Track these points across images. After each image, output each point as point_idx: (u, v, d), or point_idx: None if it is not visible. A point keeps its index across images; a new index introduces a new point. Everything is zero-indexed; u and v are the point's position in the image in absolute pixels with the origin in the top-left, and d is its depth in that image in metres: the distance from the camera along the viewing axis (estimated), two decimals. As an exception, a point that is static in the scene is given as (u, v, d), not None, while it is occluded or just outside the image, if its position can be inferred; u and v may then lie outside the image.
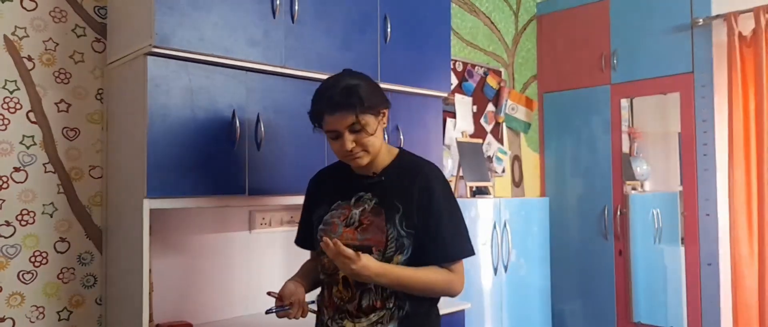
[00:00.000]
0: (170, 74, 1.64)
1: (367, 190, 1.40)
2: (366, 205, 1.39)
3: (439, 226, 1.35)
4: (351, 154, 1.35)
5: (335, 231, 1.39)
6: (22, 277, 1.75)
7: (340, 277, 1.37)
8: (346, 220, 1.39)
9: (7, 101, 1.73)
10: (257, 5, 1.80)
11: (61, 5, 1.83)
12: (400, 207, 1.35)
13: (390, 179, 1.40)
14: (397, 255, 1.34)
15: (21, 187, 1.75)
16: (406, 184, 1.37)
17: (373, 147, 1.36)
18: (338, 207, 1.42)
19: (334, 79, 1.38)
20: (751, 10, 2.65)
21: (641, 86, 3.06)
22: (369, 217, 1.37)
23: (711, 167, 2.78)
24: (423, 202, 1.35)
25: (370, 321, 1.35)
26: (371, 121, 1.34)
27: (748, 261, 2.66)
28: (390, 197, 1.37)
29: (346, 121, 1.32)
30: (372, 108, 1.34)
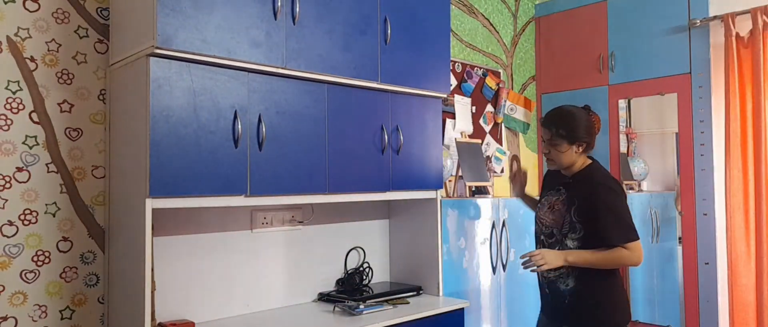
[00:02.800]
0: (173, 75, 1.64)
1: (563, 186, 1.96)
2: (560, 196, 1.95)
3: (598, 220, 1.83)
4: (546, 156, 1.99)
5: (543, 209, 2.01)
6: (24, 276, 1.75)
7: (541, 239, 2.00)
8: (549, 203, 1.98)
9: (9, 102, 1.73)
10: (259, 7, 1.80)
11: (63, 6, 1.83)
12: (576, 201, 1.88)
13: (576, 182, 1.93)
14: (570, 233, 1.89)
15: (24, 186, 1.75)
16: (584, 188, 1.90)
17: (559, 159, 1.93)
18: (548, 195, 2.02)
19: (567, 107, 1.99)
20: (748, 11, 2.65)
21: (639, 87, 3.06)
22: (558, 204, 1.94)
23: (708, 167, 2.78)
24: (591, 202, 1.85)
25: (558, 273, 1.92)
26: (563, 144, 1.91)
27: (745, 260, 2.66)
28: (572, 194, 1.91)
29: (546, 135, 1.95)
30: (566, 137, 1.90)
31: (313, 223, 2.35)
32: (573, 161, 1.94)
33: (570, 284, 1.92)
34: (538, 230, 2.05)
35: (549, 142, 1.95)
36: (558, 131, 1.91)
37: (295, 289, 2.28)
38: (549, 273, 1.95)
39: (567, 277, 1.92)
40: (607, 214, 1.84)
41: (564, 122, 1.92)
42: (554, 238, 1.94)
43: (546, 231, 1.98)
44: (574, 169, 1.96)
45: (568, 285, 1.92)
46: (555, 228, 1.93)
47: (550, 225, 1.95)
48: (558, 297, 1.94)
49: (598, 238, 1.86)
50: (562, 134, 1.91)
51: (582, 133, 1.92)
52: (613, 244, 1.83)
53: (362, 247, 2.51)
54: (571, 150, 1.92)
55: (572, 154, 1.92)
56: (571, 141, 1.91)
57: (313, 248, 2.34)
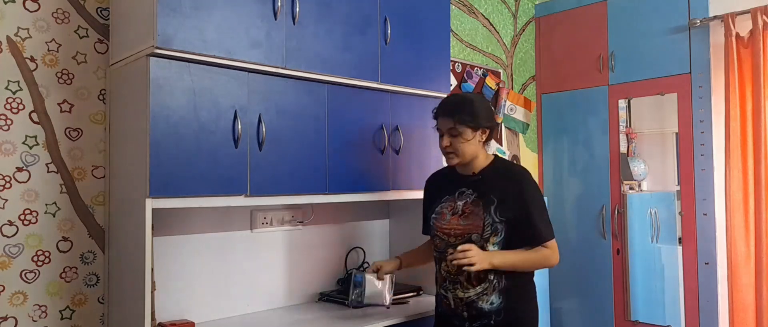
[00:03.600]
0: (172, 75, 1.64)
1: (468, 186, 1.77)
2: (467, 199, 1.75)
3: (530, 216, 1.70)
4: (445, 150, 1.74)
5: (444, 218, 1.78)
6: (24, 276, 1.75)
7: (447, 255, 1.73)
8: (452, 210, 1.77)
9: (9, 102, 1.73)
10: (259, 7, 1.80)
11: (63, 6, 1.83)
12: (495, 200, 1.70)
13: (487, 178, 1.76)
14: (492, 237, 1.70)
15: (24, 187, 1.75)
16: (501, 181, 1.73)
17: (463, 151, 1.72)
18: (446, 200, 1.80)
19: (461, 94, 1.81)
20: (748, 11, 2.65)
21: (639, 87, 3.06)
22: (470, 207, 1.73)
23: (708, 167, 2.78)
24: (515, 198, 1.70)
25: (476, 291, 1.71)
26: (467, 132, 1.71)
27: (745, 260, 2.66)
28: (487, 192, 1.72)
29: (446, 125, 1.73)
30: (470, 122, 1.70)
31: (313, 223, 2.35)
32: (476, 153, 1.76)
33: (495, 302, 1.71)
34: (442, 245, 1.78)
35: (450, 133, 1.73)
36: (461, 117, 1.70)
37: (295, 289, 2.28)
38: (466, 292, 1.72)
39: (490, 293, 1.70)
40: (535, 208, 1.71)
41: (465, 108, 1.72)
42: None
43: (458, 242, 1.71)
44: (479, 163, 1.78)
45: (493, 303, 1.70)
46: (474, 233, 1.70)
47: (465, 232, 1.71)
48: (481, 318, 1.71)
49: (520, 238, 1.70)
50: (466, 120, 1.70)
51: (485, 118, 1.74)
52: (544, 240, 1.71)
53: (362, 247, 2.51)
54: (475, 139, 1.73)
55: (476, 144, 1.74)
56: (475, 127, 1.72)
57: (313, 248, 2.34)
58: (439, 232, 1.79)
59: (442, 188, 1.83)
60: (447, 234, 1.77)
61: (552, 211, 3.34)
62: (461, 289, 1.73)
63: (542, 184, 3.51)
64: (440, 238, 1.79)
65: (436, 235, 1.80)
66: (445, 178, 1.87)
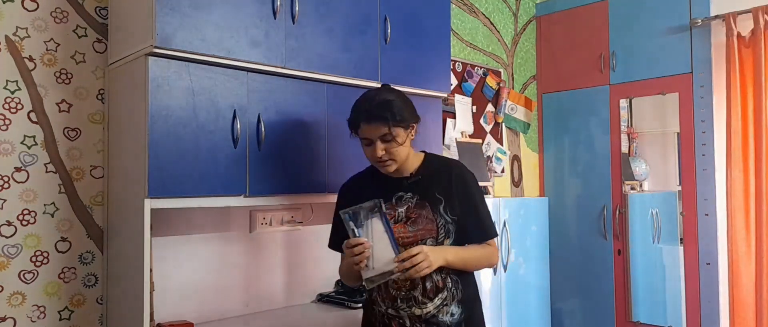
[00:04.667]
0: (171, 75, 1.64)
1: (406, 190, 1.59)
2: (409, 203, 1.58)
3: (476, 210, 1.59)
4: (380, 160, 1.54)
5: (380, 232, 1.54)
6: (23, 276, 1.75)
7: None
8: (394, 218, 1.57)
9: (8, 101, 1.73)
10: (258, 6, 1.80)
11: (62, 6, 1.83)
12: (442, 198, 1.57)
13: (426, 177, 1.60)
14: (446, 239, 1.56)
15: (22, 186, 1.75)
16: (442, 178, 1.59)
17: (400, 156, 1.55)
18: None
19: (374, 92, 1.58)
20: (750, 10, 2.65)
21: (640, 87, 3.06)
22: (415, 211, 1.57)
23: (710, 167, 2.78)
24: (460, 192, 1.58)
25: (435, 304, 1.54)
26: (401, 133, 1.53)
27: (746, 260, 2.66)
28: (430, 192, 1.57)
29: (378, 132, 1.51)
30: (403, 122, 1.53)
31: (312, 224, 2.34)
32: (409, 154, 1.59)
33: (455, 313, 1.55)
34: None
35: (383, 138, 1.51)
36: (395, 120, 1.50)
37: (294, 289, 2.27)
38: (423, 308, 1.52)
39: (450, 304, 1.55)
40: (481, 204, 1.59)
41: (395, 107, 1.51)
42: None
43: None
44: (410, 164, 1.61)
45: (454, 314, 1.55)
46: (429, 238, 1.54)
47: (417, 239, 1.53)
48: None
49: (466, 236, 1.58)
50: (399, 121, 1.51)
51: (412, 113, 1.58)
52: (490, 237, 1.61)
53: (362, 248, 2.50)
54: (408, 138, 1.57)
55: (409, 143, 1.57)
56: (407, 126, 1.55)
57: (312, 249, 2.34)
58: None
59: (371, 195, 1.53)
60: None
61: (553, 211, 3.35)
62: (417, 305, 1.53)
63: (543, 184, 3.51)
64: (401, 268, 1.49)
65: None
66: (372, 183, 1.63)
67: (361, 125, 1.54)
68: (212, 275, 2.04)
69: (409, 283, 1.54)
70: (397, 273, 1.45)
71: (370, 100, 1.54)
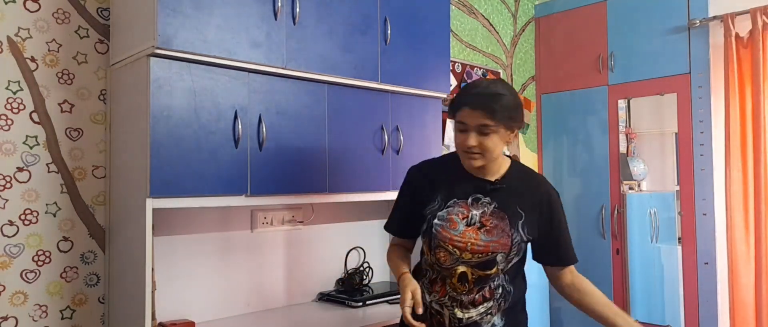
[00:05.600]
0: (173, 75, 1.64)
1: (485, 194, 1.46)
2: (485, 208, 1.45)
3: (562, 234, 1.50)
4: (470, 150, 1.40)
5: (455, 228, 1.44)
6: (25, 276, 1.75)
7: (457, 272, 1.44)
8: (467, 219, 1.44)
9: (10, 102, 1.73)
10: (259, 7, 1.81)
11: (64, 6, 1.83)
12: (522, 214, 1.45)
13: (509, 186, 1.47)
14: (515, 257, 1.46)
15: (24, 186, 1.75)
16: (527, 193, 1.47)
17: (491, 153, 1.41)
18: (455, 205, 1.46)
19: (489, 81, 1.45)
20: (748, 11, 2.65)
21: (638, 87, 3.07)
22: (491, 220, 1.44)
23: (708, 167, 2.79)
24: (545, 212, 1.47)
25: (479, 312, 1.45)
26: (501, 131, 1.40)
27: (745, 260, 2.67)
28: (511, 204, 1.45)
29: (478, 120, 1.37)
30: (507, 120, 1.39)
31: (313, 223, 2.35)
32: (499, 156, 1.47)
33: (497, 324, 1.48)
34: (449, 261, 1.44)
35: (480, 129, 1.38)
36: (500, 114, 1.37)
37: (295, 289, 2.28)
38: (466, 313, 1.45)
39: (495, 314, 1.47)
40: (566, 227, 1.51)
41: (504, 102, 1.38)
42: (495, 268, 1.43)
43: (475, 259, 1.42)
44: (496, 167, 1.48)
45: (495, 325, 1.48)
46: (500, 253, 1.42)
47: (489, 250, 1.41)
48: None
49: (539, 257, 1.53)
50: (504, 118, 1.38)
51: (521, 116, 1.44)
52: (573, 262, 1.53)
53: (362, 247, 2.51)
54: (504, 142, 1.43)
55: (503, 144, 1.44)
56: (509, 128, 1.41)
57: (313, 248, 2.35)
58: (448, 243, 1.43)
59: (445, 187, 1.48)
60: (460, 248, 1.43)
61: (552, 211, 3.35)
62: (461, 308, 1.45)
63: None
64: (448, 252, 1.44)
65: (441, 245, 1.44)
66: (448, 175, 1.50)
67: (463, 108, 1.39)
68: (214, 274, 2.05)
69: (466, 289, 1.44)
70: None
71: (482, 87, 1.41)
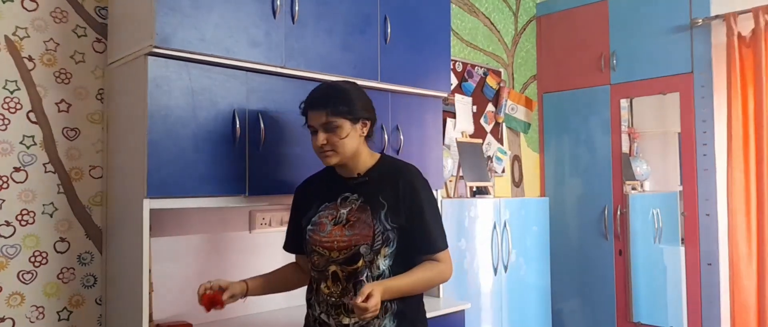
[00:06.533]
0: (171, 74, 1.63)
1: (353, 190, 1.51)
2: (353, 205, 1.49)
3: (424, 220, 1.48)
4: (321, 150, 1.48)
5: (324, 229, 1.50)
6: (22, 277, 1.74)
7: (329, 273, 1.47)
8: (334, 219, 1.49)
9: (7, 101, 1.72)
10: (258, 6, 1.79)
11: (61, 5, 1.82)
12: (385, 204, 1.47)
13: (374, 179, 1.51)
14: (383, 247, 1.45)
15: (21, 187, 1.74)
16: (390, 183, 1.49)
17: (343, 149, 1.47)
18: (326, 208, 1.53)
19: (330, 82, 1.54)
20: (750, 10, 2.64)
21: (641, 86, 3.06)
22: (355, 214, 1.47)
23: (711, 167, 2.78)
24: (407, 199, 1.47)
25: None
26: (345, 125, 1.46)
27: (747, 261, 2.65)
28: (375, 195, 1.48)
29: (319, 119, 1.46)
30: (346, 113, 1.46)
31: (312, 224, 2.34)
32: (358, 150, 1.51)
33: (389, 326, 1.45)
34: (321, 263, 1.48)
35: (325, 127, 1.46)
36: (336, 108, 1.44)
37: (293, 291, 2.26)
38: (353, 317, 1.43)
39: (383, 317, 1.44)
40: (430, 213, 1.48)
41: (339, 97, 1.46)
42: (360, 261, 1.44)
43: (342, 256, 1.45)
44: (361, 162, 1.52)
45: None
46: (363, 245, 1.43)
47: (351, 244, 1.44)
48: None
49: (411, 246, 1.48)
50: (342, 111, 1.45)
51: (363, 107, 1.50)
52: (439, 250, 1.48)
53: (362, 248, 2.50)
54: (355, 132, 1.48)
55: (356, 138, 1.49)
56: (354, 119, 1.47)
57: (312, 249, 2.33)
58: (317, 246, 1.48)
59: (319, 194, 1.55)
60: (328, 248, 1.46)
61: (553, 212, 3.34)
62: (346, 314, 1.44)
63: (544, 185, 3.50)
64: (319, 254, 1.48)
65: (313, 250, 1.49)
66: (322, 182, 1.59)
67: (307, 112, 1.50)
68: (211, 276, 2.03)
69: (340, 289, 1.45)
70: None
71: (320, 89, 1.50)
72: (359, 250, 1.44)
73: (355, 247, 1.44)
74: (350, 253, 1.44)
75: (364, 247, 1.44)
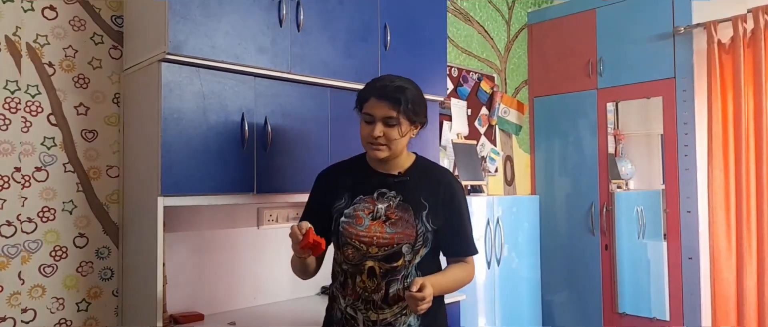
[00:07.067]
0: (183, 80, 1.66)
1: (390, 187, 1.44)
2: (390, 202, 1.42)
3: (462, 223, 1.46)
4: (375, 141, 1.38)
5: (361, 223, 1.41)
6: (43, 270, 1.78)
7: (365, 268, 1.40)
8: (372, 213, 1.42)
9: (29, 105, 1.76)
10: (265, 15, 1.83)
11: (80, 14, 1.86)
12: (426, 205, 1.41)
13: (413, 179, 1.45)
14: (422, 248, 1.41)
15: (42, 185, 1.78)
16: (430, 184, 1.45)
17: (396, 146, 1.40)
18: (361, 201, 1.43)
19: (395, 76, 1.45)
20: (730, 19, 2.68)
21: (626, 91, 3.09)
22: (396, 212, 1.40)
23: (692, 167, 2.81)
24: (447, 202, 1.44)
25: (394, 312, 1.40)
26: (406, 124, 1.39)
27: (726, 255, 2.69)
28: (415, 195, 1.42)
29: (385, 112, 1.37)
30: (412, 113, 1.39)
31: (316, 221, 2.37)
32: (404, 150, 1.46)
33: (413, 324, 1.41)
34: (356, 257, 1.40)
35: (386, 121, 1.37)
36: (406, 107, 1.37)
37: (299, 283, 2.30)
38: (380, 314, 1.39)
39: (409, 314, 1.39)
40: (466, 218, 1.46)
41: (410, 96, 1.39)
42: (401, 259, 1.38)
43: (382, 252, 1.38)
44: (401, 160, 1.46)
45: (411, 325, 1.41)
46: (405, 244, 1.38)
47: (393, 242, 1.37)
48: None
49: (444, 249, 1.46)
50: (410, 111, 1.38)
51: (425, 111, 1.44)
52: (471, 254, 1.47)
53: (363, 243, 2.53)
54: (408, 135, 1.42)
55: (407, 138, 1.42)
56: (414, 121, 1.42)
57: (316, 244, 2.37)
58: (354, 239, 1.40)
59: (351, 186, 1.45)
60: (367, 243, 1.39)
61: (544, 209, 3.38)
62: (374, 310, 1.39)
63: (534, 183, 3.54)
64: (355, 248, 1.40)
65: (348, 243, 1.41)
66: (354, 173, 1.48)
67: (370, 100, 1.39)
68: (222, 269, 2.07)
69: (374, 285, 1.39)
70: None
71: (389, 80, 1.41)
72: (401, 249, 1.38)
73: (397, 245, 1.38)
74: (391, 250, 1.38)
75: (406, 247, 1.38)
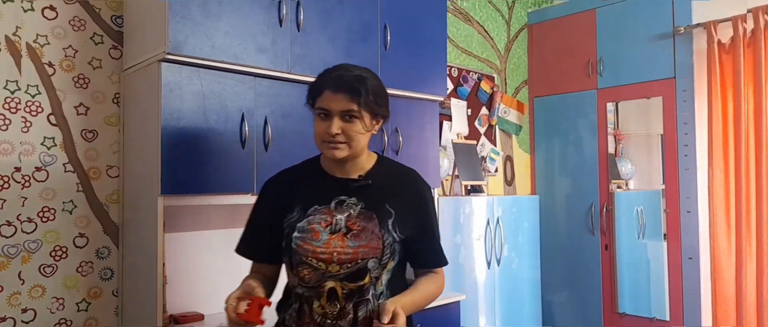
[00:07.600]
0: (183, 80, 1.63)
1: (350, 194, 1.21)
2: (351, 210, 1.19)
3: (433, 232, 1.27)
4: (333, 140, 1.16)
5: (318, 238, 1.17)
6: (43, 270, 1.74)
7: (325, 290, 1.16)
8: (330, 226, 1.18)
9: (29, 105, 1.72)
10: (265, 15, 1.79)
11: (80, 14, 1.82)
12: (392, 211, 1.20)
13: (377, 183, 1.22)
14: (390, 262, 1.20)
15: (42, 185, 1.74)
16: (396, 189, 1.24)
17: (357, 144, 1.18)
18: (316, 212, 1.19)
19: (351, 65, 1.23)
20: (730, 19, 2.64)
21: (626, 91, 3.05)
22: (358, 222, 1.18)
23: (692, 167, 2.77)
24: (415, 208, 1.24)
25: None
26: (367, 119, 1.18)
27: (726, 255, 2.65)
28: (379, 201, 1.20)
29: (342, 105, 1.15)
30: (375, 106, 1.18)
31: (316, 220, 2.33)
32: (364, 150, 1.23)
33: None
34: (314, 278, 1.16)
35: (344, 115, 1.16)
36: (365, 99, 1.15)
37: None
38: None
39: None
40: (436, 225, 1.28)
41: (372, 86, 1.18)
42: (366, 278, 1.16)
43: (344, 270, 1.15)
44: (361, 162, 1.24)
45: None
46: (371, 259, 1.16)
47: (357, 258, 1.16)
48: None
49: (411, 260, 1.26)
50: (370, 103, 1.16)
51: (385, 103, 1.22)
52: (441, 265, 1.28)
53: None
54: (369, 132, 1.20)
55: (369, 135, 1.21)
56: (375, 115, 1.20)
57: (316, 244, 2.33)
58: (311, 257, 1.16)
59: (303, 194, 1.22)
60: (325, 260, 1.16)
61: (544, 209, 3.33)
62: None
63: (534, 183, 3.49)
64: (312, 267, 1.17)
65: (303, 262, 1.17)
66: (305, 180, 1.25)
67: (324, 93, 1.16)
68: (221, 269, 2.03)
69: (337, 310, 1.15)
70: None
71: (345, 69, 1.19)
72: (367, 264, 1.16)
73: (362, 261, 1.16)
74: (355, 267, 1.15)
75: (373, 261, 1.16)
